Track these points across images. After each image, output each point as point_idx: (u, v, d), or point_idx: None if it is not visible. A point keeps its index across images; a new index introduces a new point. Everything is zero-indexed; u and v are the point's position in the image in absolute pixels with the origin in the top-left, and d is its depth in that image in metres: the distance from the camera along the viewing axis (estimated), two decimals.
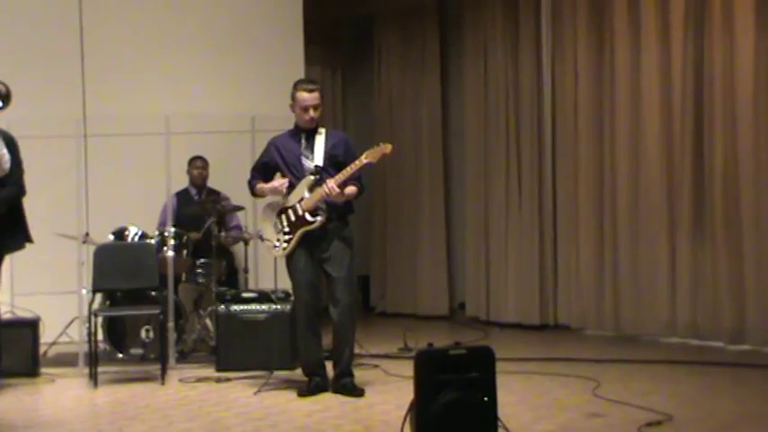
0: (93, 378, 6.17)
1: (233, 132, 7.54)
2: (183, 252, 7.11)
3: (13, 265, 6.79)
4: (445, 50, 9.55)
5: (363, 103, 10.35)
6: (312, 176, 5.68)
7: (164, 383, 6.17)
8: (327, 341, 5.87)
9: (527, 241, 8.47)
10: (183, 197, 7.76)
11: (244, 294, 6.74)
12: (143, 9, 8.23)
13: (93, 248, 6.69)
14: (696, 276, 7.29)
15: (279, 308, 6.59)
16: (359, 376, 5.91)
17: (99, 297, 6.72)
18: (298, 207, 5.70)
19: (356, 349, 6.11)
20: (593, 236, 8.00)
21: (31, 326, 6.60)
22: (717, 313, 7.14)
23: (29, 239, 6.10)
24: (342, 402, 5.50)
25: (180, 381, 6.26)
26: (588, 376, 5.99)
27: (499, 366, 4.37)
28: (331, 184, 5.57)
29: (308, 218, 5.67)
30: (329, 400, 5.58)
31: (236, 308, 6.62)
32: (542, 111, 8.44)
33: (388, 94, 9.87)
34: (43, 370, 6.55)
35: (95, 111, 7.77)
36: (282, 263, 5.95)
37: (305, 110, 5.75)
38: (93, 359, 6.22)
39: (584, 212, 8.08)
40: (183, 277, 7.34)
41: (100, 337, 6.58)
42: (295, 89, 5.81)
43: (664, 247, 7.46)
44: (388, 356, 6.94)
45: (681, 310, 7.36)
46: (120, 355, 6.86)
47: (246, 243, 7.48)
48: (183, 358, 6.97)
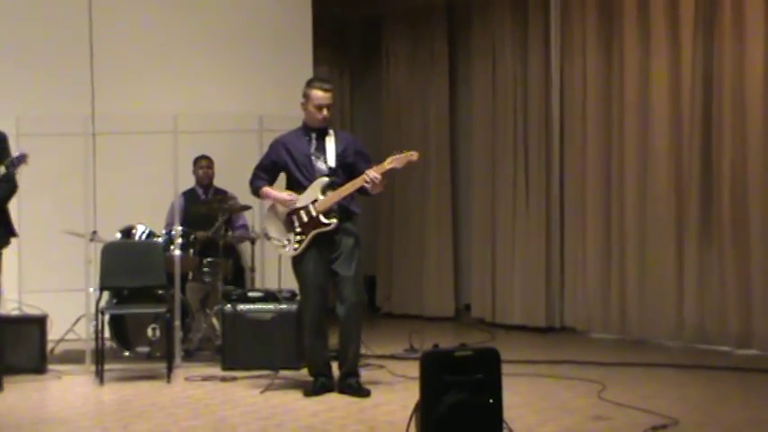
0: (100, 375, 6.19)
1: (241, 131, 7.55)
2: (190, 251, 7.12)
3: (21, 262, 6.82)
4: (454, 52, 9.53)
5: (371, 105, 10.34)
6: (326, 178, 5.66)
7: (169, 382, 6.18)
8: (334, 341, 5.87)
9: (534, 243, 8.45)
10: (190, 196, 7.76)
11: (250, 294, 6.75)
12: (152, 8, 8.26)
13: (100, 246, 6.69)
14: (703, 280, 7.26)
15: (285, 307, 6.59)
16: (364, 377, 5.91)
17: (106, 295, 6.73)
18: (311, 208, 5.65)
19: (362, 350, 6.10)
20: (600, 238, 7.99)
21: (39, 323, 6.61)
22: (724, 317, 7.11)
23: (13, 234, 6.10)
24: (347, 402, 5.50)
25: (186, 379, 6.27)
26: (594, 379, 5.98)
27: (505, 368, 4.36)
28: (373, 174, 5.54)
29: (322, 219, 5.63)
30: (335, 400, 5.58)
31: (243, 307, 6.62)
32: (550, 113, 8.42)
33: (396, 95, 9.87)
34: (50, 367, 6.56)
35: (104, 109, 7.81)
36: (287, 263, 5.93)
37: (319, 108, 5.68)
38: (99, 357, 6.24)
39: (592, 215, 8.06)
40: (190, 276, 7.35)
41: (107, 334, 6.59)
42: (310, 87, 5.72)
43: (671, 250, 7.45)
44: (393, 357, 6.94)
45: (688, 313, 7.33)
46: (127, 353, 6.88)
47: (253, 242, 7.49)
48: (189, 357, 6.98)
